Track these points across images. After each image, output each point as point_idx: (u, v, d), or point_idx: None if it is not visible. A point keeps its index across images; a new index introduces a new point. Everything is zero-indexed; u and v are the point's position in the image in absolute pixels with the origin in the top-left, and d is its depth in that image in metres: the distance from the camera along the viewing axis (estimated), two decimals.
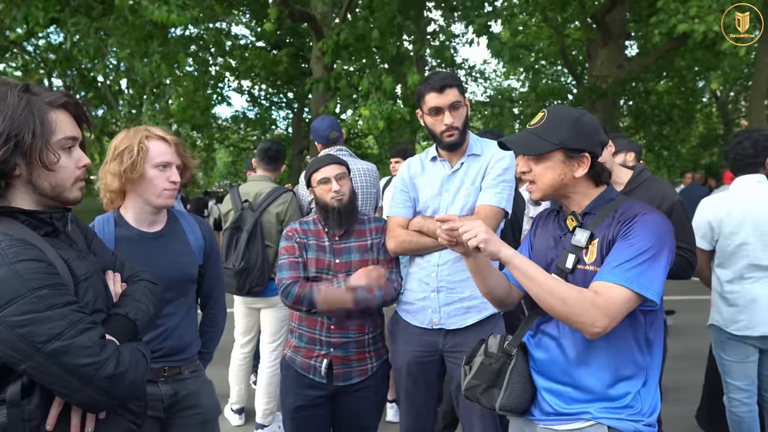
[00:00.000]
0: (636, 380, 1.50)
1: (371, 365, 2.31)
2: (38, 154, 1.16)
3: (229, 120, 19.70)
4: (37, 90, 1.19)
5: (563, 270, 1.53)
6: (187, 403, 1.86)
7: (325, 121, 3.35)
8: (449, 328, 2.18)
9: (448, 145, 2.19)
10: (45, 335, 1.07)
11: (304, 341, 2.29)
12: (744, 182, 2.65)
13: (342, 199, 2.22)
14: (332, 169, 2.25)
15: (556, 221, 1.68)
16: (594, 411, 1.49)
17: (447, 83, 2.14)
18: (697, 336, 4.74)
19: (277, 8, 8.69)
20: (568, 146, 1.51)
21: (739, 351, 2.69)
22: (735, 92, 19.84)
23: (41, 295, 1.08)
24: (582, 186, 1.57)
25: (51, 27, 10.97)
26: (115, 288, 1.41)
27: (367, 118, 7.38)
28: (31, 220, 1.21)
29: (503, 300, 1.70)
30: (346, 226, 2.25)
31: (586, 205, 1.57)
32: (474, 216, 2.13)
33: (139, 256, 1.74)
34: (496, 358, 1.62)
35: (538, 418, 1.59)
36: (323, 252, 2.28)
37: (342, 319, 2.20)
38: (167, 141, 1.83)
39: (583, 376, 1.52)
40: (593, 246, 1.51)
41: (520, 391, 1.58)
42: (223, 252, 3.36)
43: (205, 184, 24.91)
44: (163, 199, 1.82)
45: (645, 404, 1.50)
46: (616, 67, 12.16)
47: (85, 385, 1.10)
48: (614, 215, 1.52)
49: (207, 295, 2.07)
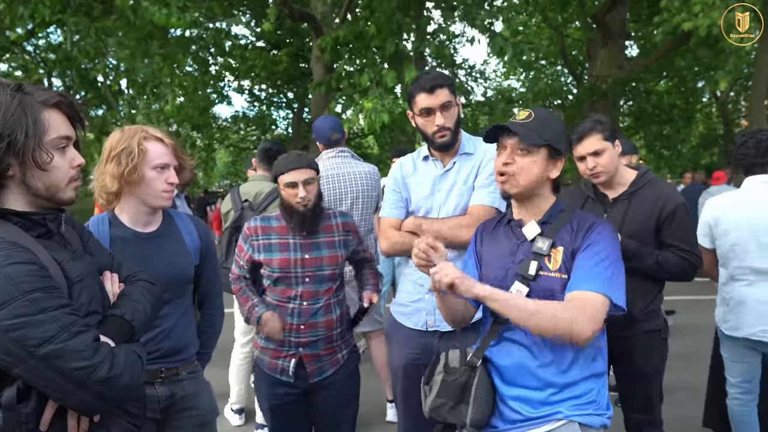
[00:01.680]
0: (598, 377, 1.56)
1: (341, 354, 2.29)
2: (31, 154, 1.15)
3: (229, 120, 19.71)
4: (30, 89, 1.18)
5: (526, 277, 1.55)
6: (184, 404, 1.84)
7: (327, 122, 3.34)
8: (444, 330, 2.16)
9: (440, 146, 2.17)
10: (37, 339, 1.06)
11: (272, 343, 2.23)
12: (749, 183, 2.65)
13: (307, 204, 2.17)
14: (300, 174, 2.16)
15: (508, 230, 1.70)
16: (565, 410, 1.52)
17: (437, 83, 2.10)
18: (698, 336, 4.74)
19: (277, 8, 8.70)
20: (554, 146, 1.57)
21: (733, 350, 2.71)
22: (735, 92, 19.84)
23: (33, 298, 1.07)
24: (546, 189, 1.64)
25: (51, 27, 10.98)
26: (112, 288, 1.39)
27: (370, 111, 7.30)
28: (24, 221, 1.19)
29: (461, 319, 1.78)
30: (309, 227, 2.22)
31: (543, 213, 1.63)
32: (467, 215, 2.12)
33: (134, 256, 1.72)
34: (460, 372, 1.61)
35: (503, 429, 1.58)
36: (287, 251, 2.22)
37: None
38: (164, 142, 1.81)
39: (553, 377, 1.54)
40: (556, 253, 1.55)
41: (485, 404, 1.57)
42: (224, 252, 3.36)
43: (205, 184, 24.92)
44: (160, 200, 1.81)
45: (604, 399, 1.57)
46: (616, 67, 12.16)
47: (78, 388, 1.10)
48: (571, 225, 1.58)
49: (204, 295, 2.05)
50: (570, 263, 1.53)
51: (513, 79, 21.22)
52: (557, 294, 1.52)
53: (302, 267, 2.19)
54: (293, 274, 2.18)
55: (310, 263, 2.20)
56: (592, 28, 13.07)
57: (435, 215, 2.18)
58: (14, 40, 10.57)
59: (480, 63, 39.12)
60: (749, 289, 2.58)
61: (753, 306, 2.55)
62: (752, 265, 2.56)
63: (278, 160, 2.24)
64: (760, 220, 2.54)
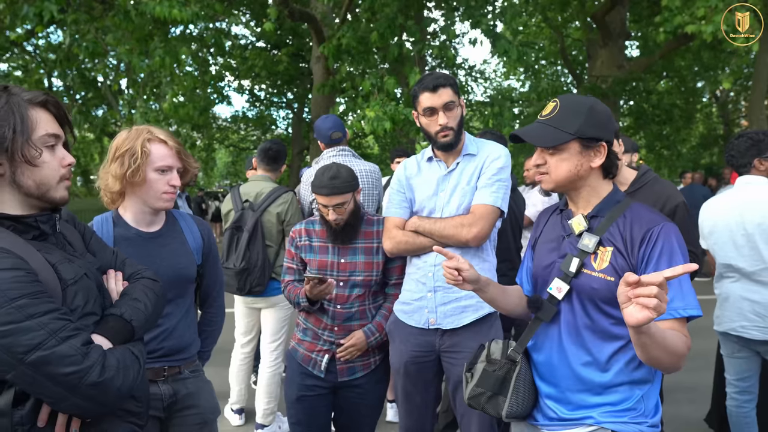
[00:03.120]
0: (643, 383, 1.48)
1: (374, 359, 2.36)
2: (20, 150, 1.16)
3: (229, 120, 19.69)
4: (16, 90, 1.19)
5: (567, 274, 1.50)
6: (186, 403, 1.86)
7: (328, 121, 3.33)
8: (446, 328, 2.17)
9: (443, 146, 2.18)
10: (25, 346, 1.06)
11: (309, 336, 2.35)
12: (737, 184, 2.74)
13: (339, 223, 2.23)
14: (329, 200, 2.18)
15: (558, 220, 1.64)
16: (597, 416, 1.47)
17: (440, 83, 2.12)
18: (700, 336, 4.71)
19: (277, 8, 8.68)
20: (585, 135, 1.46)
21: (726, 346, 2.81)
22: (735, 92, 19.84)
23: (19, 305, 1.07)
24: (593, 178, 1.52)
25: (51, 27, 10.96)
26: (116, 287, 1.39)
27: (372, 119, 7.35)
28: (16, 224, 1.19)
29: (522, 312, 1.73)
30: (343, 241, 2.28)
31: (594, 205, 1.53)
32: (469, 215, 2.12)
33: (138, 255, 1.75)
34: (500, 365, 1.59)
35: (542, 423, 1.57)
36: (326, 253, 2.30)
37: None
38: (168, 144, 1.82)
39: (589, 379, 1.49)
40: (604, 252, 1.47)
41: (525, 398, 1.56)
42: (224, 252, 3.36)
43: (205, 184, 24.92)
44: (162, 202, 1.82)
45: (648, 405, 1.48)
46: (616, 67, 12.16)
47: (71, 393, 1.10)
48: (623, 221, 1.47)
49: (206, 294, 2.07)
50: (619, 267, 1.43)
51: (513, 79, 21.23)
52: (601, 295, 1.45)
53: (337, 270, 2.27)
54: (329, 276, 2.24)
55: (344, 267, 2.27)
56: (592, 28, 13.06)
57: (438, 215, 2.19)
58: (14, 40, 10.55)
59: (480, 63, 39.18)
60: (734, 286, 2.68)
61: (735, 302, 2.66)
62: (732, 264, 2.66)
63: (315, 175, 2.25)
64: (735, 220, 2.63)
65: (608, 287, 1.43)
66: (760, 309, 2.56)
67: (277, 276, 3.37)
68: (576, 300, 1.51)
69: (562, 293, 1.52)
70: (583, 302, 1.49)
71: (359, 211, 2.31)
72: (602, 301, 1.46)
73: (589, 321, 1.48)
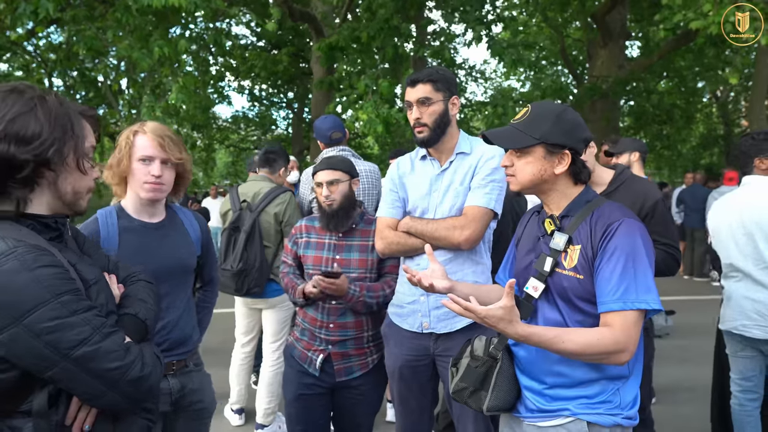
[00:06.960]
0: (617, 378, 1.53)
1: (371, 358, 2.37)
2: (75, 158, 1.20)
3: (229, 120, 19.71)
4: (63, 99, 1.23)
5: (542, 273, 1.55)
6: (192, 397, 1.92)
7: (327, 121, 3.33)
8: (439, 332, 2.16)
9: (419, 142, 2.19)
10: (72, 341, 1.07)
11: (306, 336, 2.36)
12: (742, 184, 2.76)
13: (331, 204, 2.26)
14: (325, 175, 2.29)
15: (536, 220, 1.70)
16: (573, 407, 1.53)
17: (419, 78, 2.13)
18: (698, 336, 4.74)
19: (279, 8, 8.69)
20: (549, 141, 1.52)
21: (730, 345, 2.81)
22: (735, 92, 19.84)
23: (64, 300, 1.08)
24: (561, 183, 1.58)
25: (51, 27, 10.97)
26: (114, 290, 1.40)
27: (366, 121, 7.41)
28: (36, 224, 1.19)
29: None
30: (335, 227, 2.31)
31: (564, 206, 1.59)
32: (462, 216, 2.11)
33: (143, 245, 1.82)
34: (482, 362, 1.64)
35: (524, 415, 1.62)
36: (322, 249, 2.34)
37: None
38: (150, 136, 1.85)
39: (563, 373, 1.54)
40: (573, 251, 1.52)
41: (506, 392, 1.61)
42: (222, 253, 3.36)
43: (205, 184, 24.92)
44: (145, 191, 1.84)
45: (625, 398, 1.53)
46: (617, 67, 12.16)
47: (110, 389, 1.11)
48: (590, 219, 1.53)
49: (209, 277, 2.18)
50: (586, 265, 1.49)
51: (513, 79, 21.23)
52: (572, 293, 1.51)
53: (332, 267, 2.29)
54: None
55: (339, 264, 2.30)
56: (592, 28, 13.05)
57: (431, 215, 2.18)
58: (14, 40, 10.55)
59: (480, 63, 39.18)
60: (737, 285, 2.69)
61: (737, 301, 2.67)
62: (734, 263, 2.67)
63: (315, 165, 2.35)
64: (736, 220, 2.66)
65: (578, 285, 1.50)
66: (761, 308, 2.57)
67: (276, 277, 3.36)
68: (552, 298, 1.56)
69: (538, 292, 1.57)
70: (558, 300, 1.55)
71: (354, 199, 2.34)
72: (577, 298, 1.51)
73: (563, 318, 1.54)
